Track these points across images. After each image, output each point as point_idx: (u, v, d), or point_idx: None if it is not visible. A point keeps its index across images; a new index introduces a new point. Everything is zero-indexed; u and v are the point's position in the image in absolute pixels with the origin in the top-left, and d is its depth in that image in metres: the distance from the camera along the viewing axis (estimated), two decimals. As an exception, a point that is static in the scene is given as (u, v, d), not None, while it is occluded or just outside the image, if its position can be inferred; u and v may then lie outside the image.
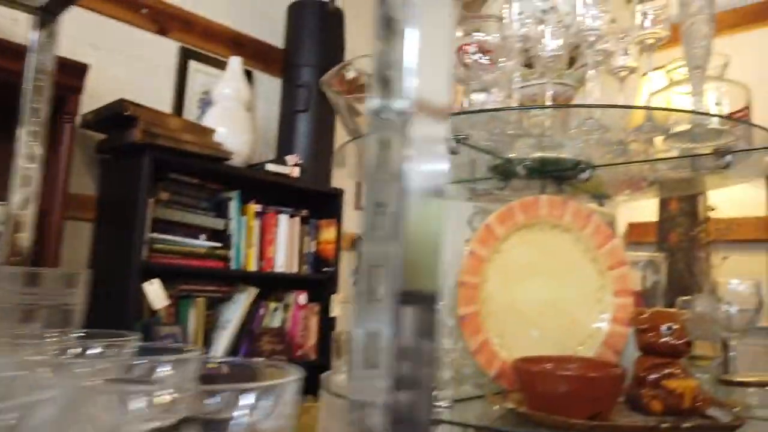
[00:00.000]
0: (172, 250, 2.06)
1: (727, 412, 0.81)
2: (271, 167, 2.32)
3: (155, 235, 2.01)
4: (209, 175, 2.22)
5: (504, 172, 1.05)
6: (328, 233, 2.56)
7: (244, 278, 2.34)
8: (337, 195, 2.57)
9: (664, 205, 2.09)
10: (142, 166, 1.93)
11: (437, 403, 0.79)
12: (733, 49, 2.22)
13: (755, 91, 2.20)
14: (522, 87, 0.98)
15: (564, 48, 0.88)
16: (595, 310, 0.93)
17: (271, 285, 2.43)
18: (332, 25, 2.62)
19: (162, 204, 2.07)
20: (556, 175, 1.10)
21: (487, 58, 0.89)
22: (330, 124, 2.55)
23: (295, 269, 2.46)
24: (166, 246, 2.04)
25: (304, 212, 2.51)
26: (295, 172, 2.38)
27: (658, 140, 1.03)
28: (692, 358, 0.95)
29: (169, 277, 2.07)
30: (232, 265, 2.24)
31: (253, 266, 2.31)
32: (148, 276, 1.95)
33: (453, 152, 0.86)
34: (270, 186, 2.35)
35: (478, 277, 0.86)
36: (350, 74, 0.98)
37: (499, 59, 0.87)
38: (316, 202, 2.54)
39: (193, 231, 2.16)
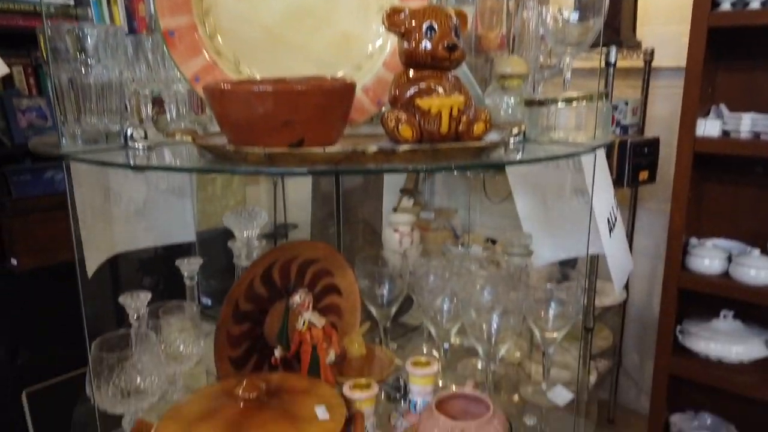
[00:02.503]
0: (8, 9, 1.75)
1: (505, 135, 0.65)
2: None
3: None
4: None
5: None
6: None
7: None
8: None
9: None
10: None
11: (134, 145, 0.62)
12: None
13: None
14: None
15: None
16: (375, 21, 0.72)
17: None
18: None
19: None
20: None
21: None
22: None
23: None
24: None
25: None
26: None
27: None
28: (503, 78, 0.76)
29: (17, 42, 1.80)
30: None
31: (124, 26, 2.01)
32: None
33: None
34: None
35: (188, -23, 0.63)
36: None
37: None
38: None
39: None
